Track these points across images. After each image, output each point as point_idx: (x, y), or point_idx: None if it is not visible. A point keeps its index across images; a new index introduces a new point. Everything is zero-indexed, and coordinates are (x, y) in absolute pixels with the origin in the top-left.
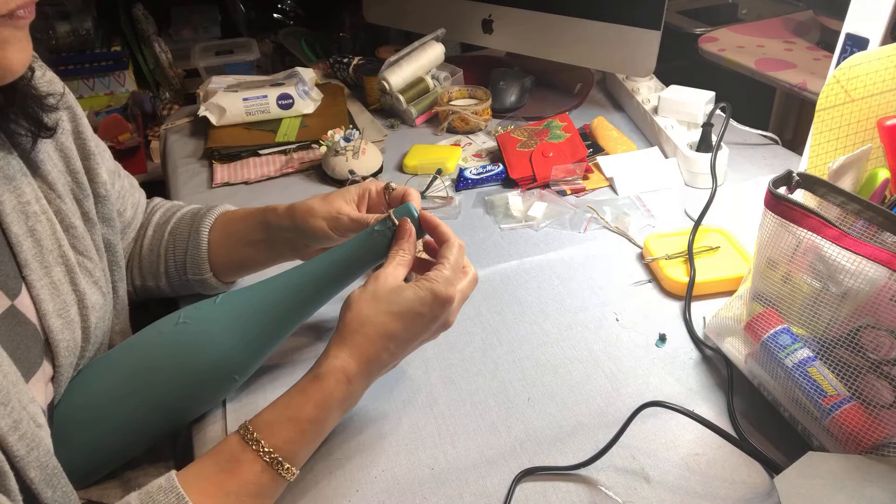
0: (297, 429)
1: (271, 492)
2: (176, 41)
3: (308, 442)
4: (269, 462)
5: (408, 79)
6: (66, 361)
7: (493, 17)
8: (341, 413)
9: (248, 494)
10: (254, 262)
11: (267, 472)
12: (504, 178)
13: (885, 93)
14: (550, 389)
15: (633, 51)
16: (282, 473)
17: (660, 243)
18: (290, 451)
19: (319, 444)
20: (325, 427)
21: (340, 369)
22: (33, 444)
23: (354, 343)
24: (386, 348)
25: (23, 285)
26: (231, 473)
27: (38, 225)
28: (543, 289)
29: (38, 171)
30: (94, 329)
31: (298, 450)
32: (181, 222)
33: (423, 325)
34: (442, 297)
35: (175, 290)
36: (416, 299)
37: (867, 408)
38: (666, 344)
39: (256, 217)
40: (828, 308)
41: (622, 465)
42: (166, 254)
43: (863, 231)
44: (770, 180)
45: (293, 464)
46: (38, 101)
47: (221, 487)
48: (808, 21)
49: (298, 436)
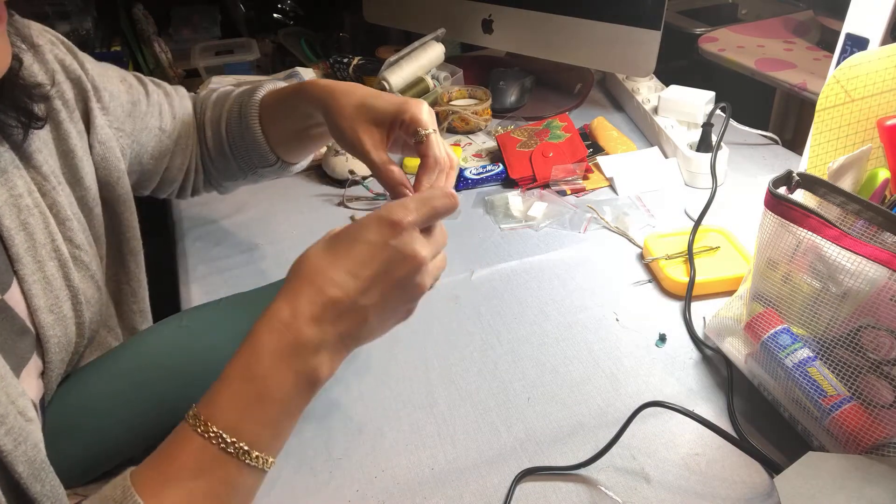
0: (239, 397)
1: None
2: (176, 41)
3: (254, 411)
4: (218, 444)
5: (408, 79)
6: (56, 357)
7: (493, 17)
8: (293, 373)
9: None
10: (309, 142)
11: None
12: (504, 178)
13: (885, 93)
14: (550, 389)
15: (633, 51)
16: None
17: (660, 243)
18: (238, 427)
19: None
20: (270, 390)
21: (269, 317)
22: (21, 439)
23: (288, 288)
24: (328, 282)
25: (14, 280)
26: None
27: (30, 218)
28: (543, 289)
29: (31, 163)
30: (88, 325)
31: (247, 425)
32: (237, 99)
33: (370, 252)
34: (387, 218)
35: (244, 177)
36: (355, 225)
37: (867, 408)
38: (666, 344)
39: (291, 100)
40: (828, 308)
41: (622, 465)
42: (226, 127)
43: (863, 231)
44: (770, 180)
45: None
46: (27, 91)
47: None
48: (808, 21)
49: (243, 405)
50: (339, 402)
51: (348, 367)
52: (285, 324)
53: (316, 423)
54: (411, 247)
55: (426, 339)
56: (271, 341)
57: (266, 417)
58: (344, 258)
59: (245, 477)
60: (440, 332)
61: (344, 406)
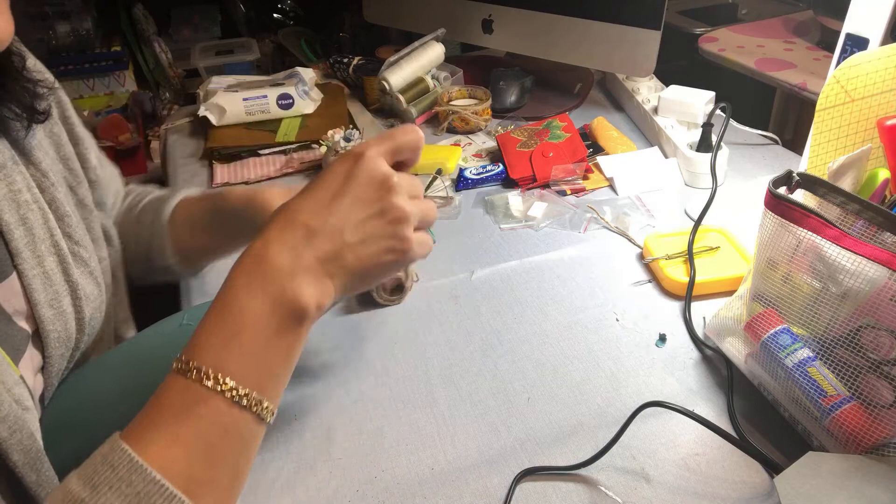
0: (218, 333)
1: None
2: (176, 41)
3: (234, 344)
4: (201, 381)
5: (408, 79)
6: (56, 352)
7: (493, 17)
8: (269, 299)
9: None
10: (211, 248)
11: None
12: (504, 178)
13: (885, 93)
14: (550, 389)
15: (633, 51)
16: (231, 397)
17: (660, 243)
18: (220, 363)
19: (271, 353)
20: (248, 320)
21: (243, 254)
22: (16, 427)
23: (261, 227)
24: (296, 211)
25: (13, 273)
26: (166, 407)
27: (29, 214)
28: (543, 289)
29: (31, 159)
30: (89, 320)
31: (229, 360)
32: (148, 207)
33: (334, 178)
34: (350, 152)
35: (140, 279)
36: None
37: (867, 408)
38: (666, 344)
39: (207, 202)
40: (828, 308)
41: (622, 465)
42: (133, 239)
43: (863, 231)
44: (770, 180)
45: (238, 381)
46: (30, 88)
47: (165, 427)
48: (808, 21)
49: (222, 340)
50: (339, 402)
51: (348, 366)
52: (256, 254)
53: (316, 423)
54: (377, 167)
55: (426, 339)
56: (243, 273)
57: (249, 350)
58: (310, 190)
59: (236, 419)
60: (440, 332)
61: (344, 406)
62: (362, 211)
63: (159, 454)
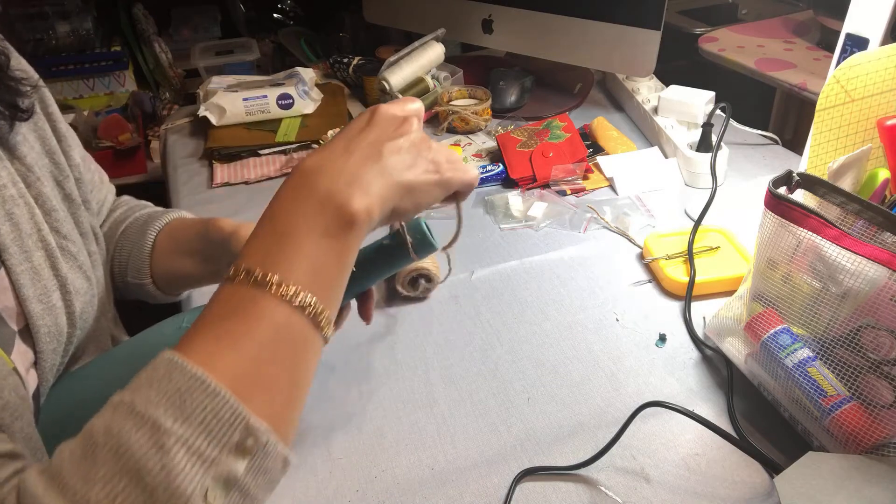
0: (264, 238)
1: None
2: (176, 41)
3: (282, 245)
4: (249, 280)
5: (408, 79)
6: (48, 347)
7: (493, 17)
8: (316, 202)
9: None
10: (191, 275)
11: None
12: (504, 178)
13: (885, 93)
14: (550, 389)
15: (633, 51)
16: (278, 294)
17: (660, 243)
18: (265, 261)
19: (320, 254)
20: (294, 223)
21: (292, 172)
22: (17, 414)
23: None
24: (333, 141)
25: (1, 268)
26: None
27: (15, 209)
28: (543, 289)
29: (15, 154)
30: (80, 314)
31: (275, 259)
32: (135, 223)
33: (358, 123)
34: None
35: (119, 293)
36: None
37: (867, 408)
38: (666, 344)
39: (198, 227)
40: (828, 308)
41: (622, 465)
42: (115, 254)
43: (863, 231)
44: (770, 180)
45: (284, 279)
46: (13, 86)
47: (210, 326)
48: (808, 21)
49: (268, 243)
50: (339, 402)
51: (348, 366)
52: (303, 171)
53: (316, 423)
54: (394, 111)
55: (426, 339)
56: (290, 187)
57: (297, 250)
58: (338, 134)
59: (288, 318)
60: (440, 332)
61: (344, 406)
62: (389, 137)
63: (202, 351)
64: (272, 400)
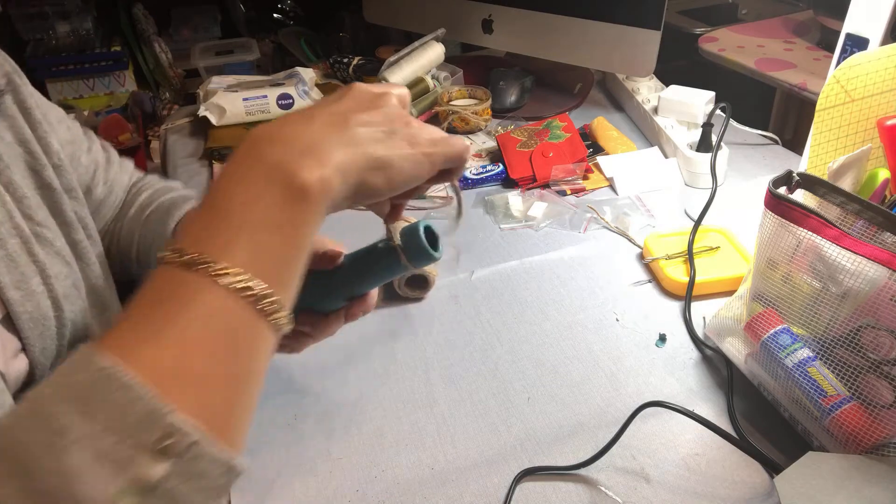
0: (201, 216)
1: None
2: (176, 41)
3: (218, 221)
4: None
5: (408, 79)
6: (33, 333)
7: (493, 17)
8: (261, 175)
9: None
10: None
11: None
12: (504, 178)
13: (885, 93)
14: (550, 389)
15: (633, 51)
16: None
17: (660, 243)
18: (200, 239)
19: (263, 230)
20: (234, 196)
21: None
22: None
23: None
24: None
25: None
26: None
27: None
28: (543, 289)
29: None
30: (63, 298)
31: (211, 236)
32: (159, 209)
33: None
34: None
35: (123, 274)
36: None
37: (867, 408)
38: (666, 344)
39: None
40: (828, 308)
41: (622, 465)
42: (138, 240)
43: (863, 231)
44: (770, 180)
45: (219, 256)
46: None
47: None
48: (808, 21)
49: (205, 220)
50: (339, 402)
51: (348, 366)
52: (249, 140)
53: (316, 423)
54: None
55: (426, 339)
56: (234, 161)
57: (238, 227)
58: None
59: (224, 302)
60: (440, 332)
61: (344, 406)
62: (361, 109)
63: (120, 342)
64: (206, 396)
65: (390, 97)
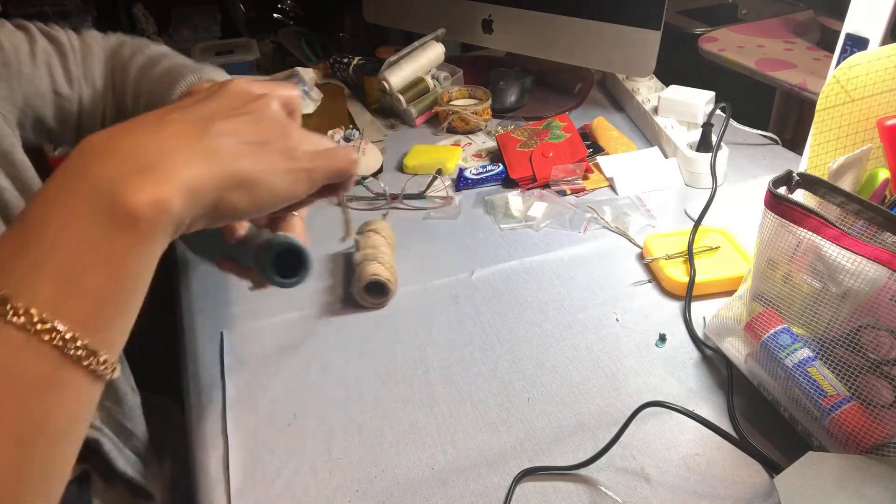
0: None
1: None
2: (176, 41)
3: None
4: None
5: (408, 79)
6: None
7: (493, 17)
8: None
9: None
10: None
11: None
12: (504, 178)
13: (885, 93)
14: (550, 389)
15: (633, 51)
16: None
17: (660, 243)
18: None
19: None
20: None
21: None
22: None
23: None
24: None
25: None
26: None
27: None
28: (543, 289)
29: None
30: None
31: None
32: (158, 70)
33: (196, 96)
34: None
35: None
36: None
37: (867, 408)
38: (666, 344)
39: None
40: (828, 308)
41: (622, 465)
42: (133, 89)
43: (863, 231)
44: (770, 180)
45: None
46: None
47: None
48: (808, 21)
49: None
50: (339, 402)
51: (348, 366)
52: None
53: (316, 423)
54: (249, 87)
55: (426, 339)
56: (59, 170)
57: (43, 256)
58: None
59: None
60: (440, 332)
61: (344, 406)
62: (228, 114)
63: None
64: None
65: (269, 100)
